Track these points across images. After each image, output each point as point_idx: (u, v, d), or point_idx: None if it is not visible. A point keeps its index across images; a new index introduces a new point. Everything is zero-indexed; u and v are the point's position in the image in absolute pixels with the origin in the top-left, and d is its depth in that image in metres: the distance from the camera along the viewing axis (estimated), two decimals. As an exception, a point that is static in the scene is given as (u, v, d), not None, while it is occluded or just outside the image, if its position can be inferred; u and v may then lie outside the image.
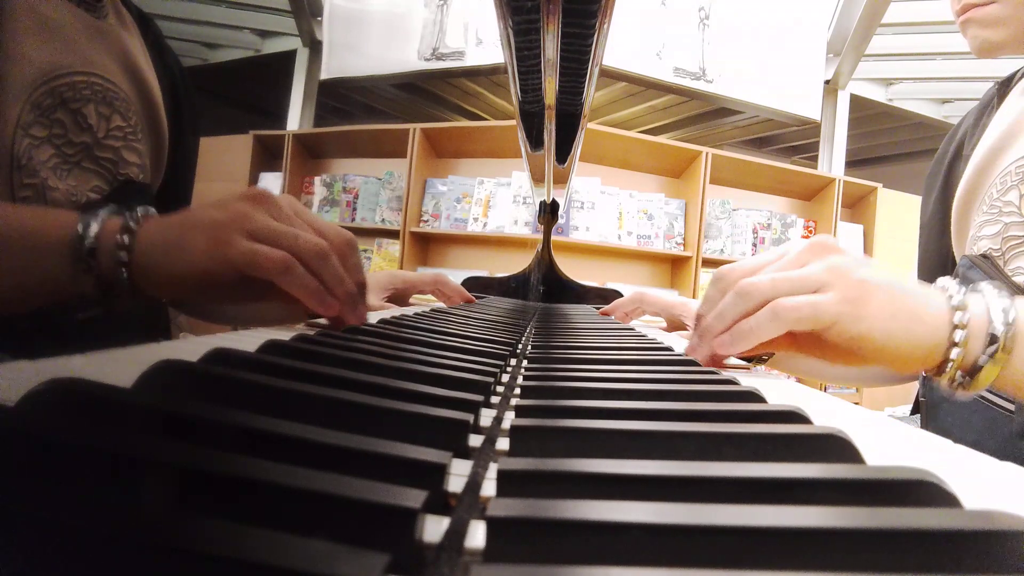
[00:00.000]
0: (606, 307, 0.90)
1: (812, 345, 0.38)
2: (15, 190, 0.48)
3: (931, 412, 0.65)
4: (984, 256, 0.57)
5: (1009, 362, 0.34)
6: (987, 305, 0.35)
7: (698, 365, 0.36)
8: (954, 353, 0.35)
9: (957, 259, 0.64)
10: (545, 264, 1.08)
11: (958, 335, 0.35)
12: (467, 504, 0.14)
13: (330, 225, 0.41)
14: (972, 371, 0.36)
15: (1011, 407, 0.53)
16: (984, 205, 0.59)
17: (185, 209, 0.39)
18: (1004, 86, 0.66)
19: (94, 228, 0.37)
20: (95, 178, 0.56)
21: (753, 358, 0.48)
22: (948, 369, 0.36)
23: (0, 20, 0.47)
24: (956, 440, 0.21)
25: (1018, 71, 0.65)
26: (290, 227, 0.38)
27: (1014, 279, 0.54)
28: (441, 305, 0.82)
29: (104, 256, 0.37)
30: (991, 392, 0.53)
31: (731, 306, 0.37)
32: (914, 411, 0.73)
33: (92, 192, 0.55)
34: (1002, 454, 0.19)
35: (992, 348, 0.34)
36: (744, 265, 0.40)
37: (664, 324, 0.87)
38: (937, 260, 0.68)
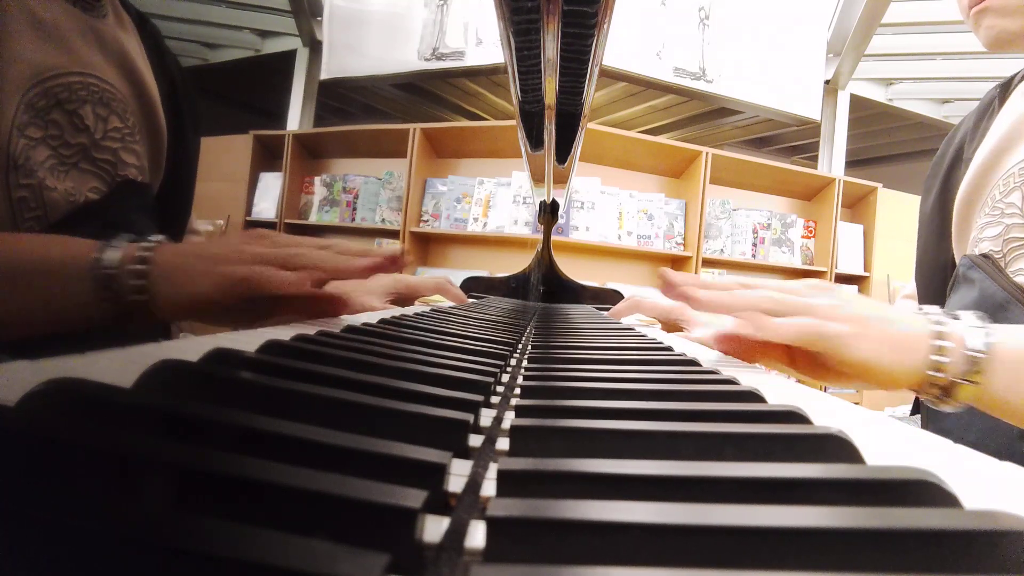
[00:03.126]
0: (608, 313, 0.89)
1: (805, 364, 0.43)
2: (11, 190, 0.48)
3: (932, 412, 0.64)
4: (985, 256, 0.57)
5: (986, 384, 0.38)
6: (964, 332, 0.38)
7: (699, 365, 0.36)
8: (933, 376, 0.39)
9: (957, 260, 0.64)
10: (545, 264, 1.08)
11: (939, 357, 0.38)
12: (467, 504, 0.14)
13: (315, 241, 0.47)
14: (950, 391, 0.39)
15: None
16: (986, 207, 0.59)
17: (195, 242, 0.45)
18: (1005, 88, 0.66)
19: (112, 257, 0.40)
20: (93, 179, 0.55)
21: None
22: (928, 389, 0.39)
23: None
24: (956, 440, 0.22)
25: (1018, 73, 0.65)
26: (287, 250, 0.44)
27: (1015, 279, 0.54)
28: (441, 305, 0.82)
29: (122, 283, 0.40)
30: None
31: (746, 300, 0.43)
32: (914, 411, 0.73)
33: (91, 192, 0.55)
34: (1002, 454, 0.19)
35: (969, 369, 0.38)
36: (762, 285, 0.46)
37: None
38: (936, 261, 0.68)
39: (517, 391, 0.27)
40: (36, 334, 0.42)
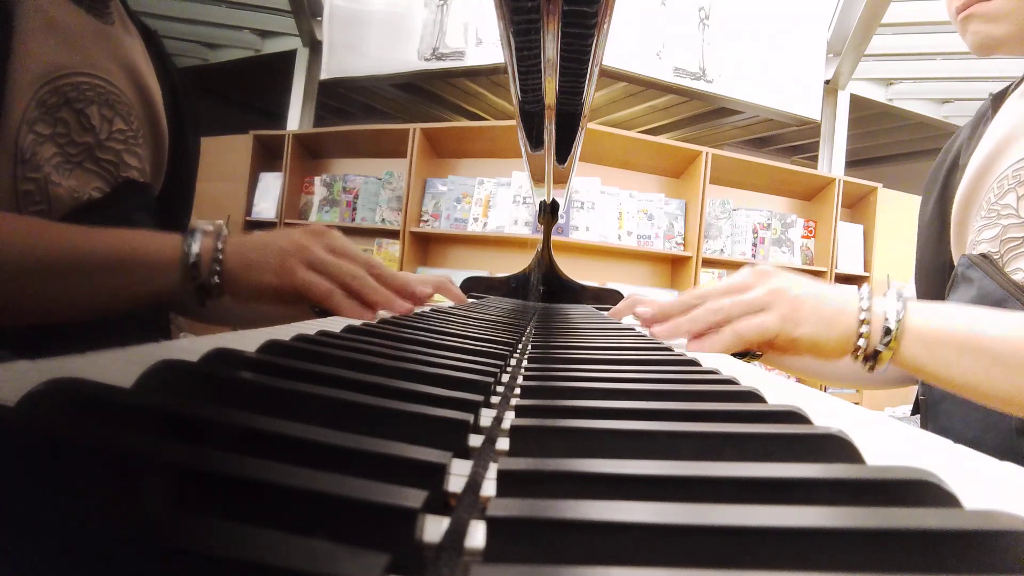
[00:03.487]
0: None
1: (766, 346, 0.51)
2: (18, 183, 0.49)
3: (931, 411, 0.65)
4: (983, 256, 0.58)
5: (899, 349, 0.46)
6: (884, 308, 0.46)
7: (699, 365, 0.36)
8: (861, 342, 0.47)
9: (955, 262, 0.64)
10: (545, 264, 1.08)
11: (863, 329, 0.46)
12: (467, 504, 0.14)
13: (359, 254, 0.55)
14: (874, 355, 0.46)
15: None
16: (982, 210, 0.60)
17: (261, 233, 0.52)
18: (999, 98, 0.67)
19: (195, 248, 0.47)
20: (97, 179, 0.56)
21: (745, 355, 0.58)
22: (858, 355, 0.47)
23: (9, 18, 0.48)
24: (956, 438, 0.22)
25: (1012, 83, 0.66)
26: (336, 259, 0.51)
27: (1013, 277, 0.55)
28: (441, 305, 0.82)
29: (203, 268, 0.48)
30: None
31: (703, 316, 0.51)
32: (914, 411, 0.73)
33: (94, 192, 0.56)
34: (1001, 450, 0.19)
35: (886, 339, 0.46)
36: (714, 287, 0.53)
37: None
38: (935, 263, 0.68)
39: (517, 391, 0.27)
40: (131, 311, 0.49)
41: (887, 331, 0.45)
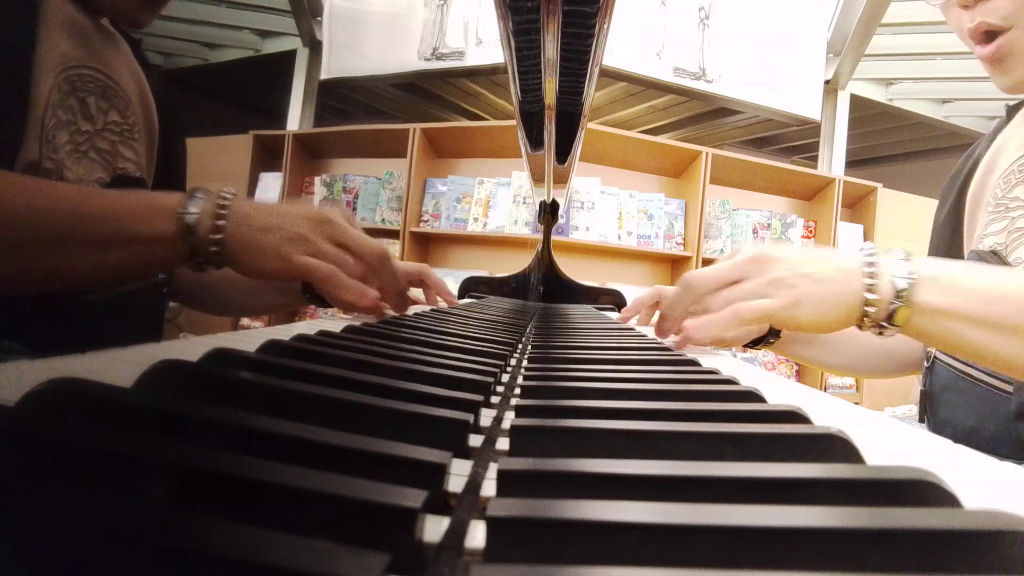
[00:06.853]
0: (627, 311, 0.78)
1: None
2: (43, 161, 0.52)
3: (933, 402, 0.68)
4: (993, 252, 0.60)
5: (910, 319, 0.45)
6: (891, 277, 0.45)
7: (698, 365, 0.36)
8: (867, 318, 0.46)
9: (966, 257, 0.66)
10: (545, 264, 1.08)
11: (869, 310, 0.45)
12: (467, 504, 0.14)
13: (367, 241, 0.52)
14: (880, 326, 0.46)
15: (1009, 388, 0.56)
16: (989, 206, 0.62)
17: (269, 212, 0.49)
18: (1014, 110, 0.68)
19: (195, 208, 0.46)
20: (99, 169, 0.59)
21: (758, 343, 0.60)
22: (865, 325, 0.46)
23: (36, 12, 0.53)
24: (957, 426, 0.22)
25: None
26: (336, 250, 0.49)
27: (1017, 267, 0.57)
28: (441, 305, 0.82)
29: (200, 238, 0.46)
30: (989, 375, 0.58)
31: (718, 320, 0.49)
32: (921, 414, 0.74)
33: (96, 182, 0.59)
34: (1000, 437, 0.19)
35: (892, 308, 0.45)
36: (705, 273, 0.51)
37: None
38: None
39: (517, 391, 0.27)
40: (125, 279, 0.50)
41: (892, 304, 0.45)
